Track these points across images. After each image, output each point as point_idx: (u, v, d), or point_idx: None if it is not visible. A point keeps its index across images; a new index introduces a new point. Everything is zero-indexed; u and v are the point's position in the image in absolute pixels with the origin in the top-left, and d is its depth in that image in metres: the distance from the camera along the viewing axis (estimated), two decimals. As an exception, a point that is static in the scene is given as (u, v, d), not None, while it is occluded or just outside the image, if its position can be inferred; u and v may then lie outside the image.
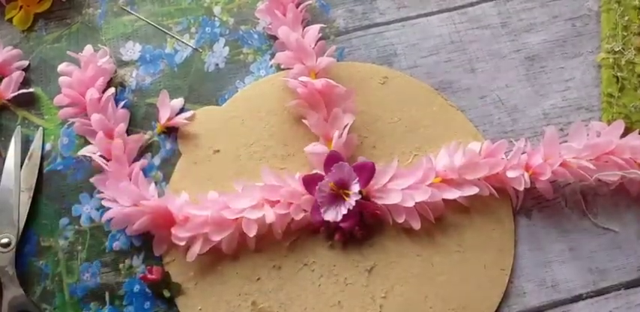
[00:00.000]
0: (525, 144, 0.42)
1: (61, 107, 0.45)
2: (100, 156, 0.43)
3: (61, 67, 0.46)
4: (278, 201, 0.41)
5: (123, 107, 0.47)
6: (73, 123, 0.44)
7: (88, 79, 0.44)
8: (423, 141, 0.44)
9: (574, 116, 0.45)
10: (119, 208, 0.41)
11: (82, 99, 0.44)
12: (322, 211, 0.39)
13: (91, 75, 0.45)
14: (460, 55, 0.47)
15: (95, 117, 0.43)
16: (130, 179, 0.42)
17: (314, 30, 0.45)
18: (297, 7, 0.46)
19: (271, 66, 0.47)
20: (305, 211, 0.41)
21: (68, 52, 0.46)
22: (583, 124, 0.42)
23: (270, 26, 0.47)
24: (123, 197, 0.41)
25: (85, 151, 0.43)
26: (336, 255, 0.41)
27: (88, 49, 0.47)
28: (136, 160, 0.45)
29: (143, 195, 0.41)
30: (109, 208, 0.42)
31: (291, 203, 0.41)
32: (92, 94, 0.44)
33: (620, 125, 0.42)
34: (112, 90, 0.45)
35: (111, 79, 0.47)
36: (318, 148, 0.42)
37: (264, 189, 0.41)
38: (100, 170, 0.43)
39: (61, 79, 0.45)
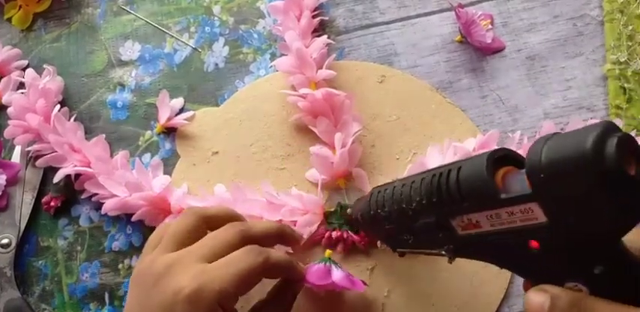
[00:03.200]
0: (521, 137, 0.42)
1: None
2: (77, 168, 0.42)
3: (4, 98, 0.45)
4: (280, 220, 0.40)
5: (121, 107, 0.47)
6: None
7: (32, 104, 0.43)
8: (422, 139, 0.44)
9: (575, 116, 0.45)
10: (118, 198, 0.41)
11: (31, 126, 0.43)
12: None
13: (34, 99, 0.44)
14: (461, 54, 0.47)
15: (52, 139, 0.42)
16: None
17: (319, 42, 0.44)
18: (312, 17, 0.45)
19: (271, 66, 0.47)
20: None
21: (19, 79, 0.46)
22: (581, 121, 0.42)
23: (278, 26, 0.46)
24: (119, 188, 0.41)
25: (59, 176, 0.42)
26: (337, 255, 0.41)
27: (29, 73, 0.46)
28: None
29: (140, 181, 0.42)
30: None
31: (294, 221, 0.40)
32: (33, 119, 0.42)
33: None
34: (57, 108, 0.43)
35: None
36: (322, 151, 0.42)
37: (265, 207, 0.40)
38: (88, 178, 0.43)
39: (8, 110, 0.44)
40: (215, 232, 0.33)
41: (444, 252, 0.28)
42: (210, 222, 0.34)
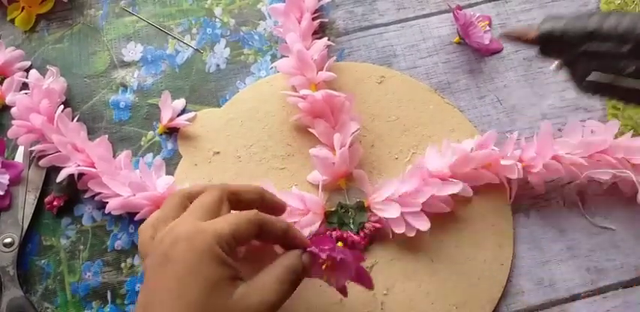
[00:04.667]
0: (519, 138, 0.42)
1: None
2: (80, 167, 0.43)
3: (8, 98, 0.45)
4: None
5: (124, 108, 0.47)
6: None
7: (35, 104, 0.44)
8: (421, 139, 0.45)
9: (572, 116, 0.45)
10: (122, 198, 0.42)
11: (34, 126, 0.43)
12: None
13: (38, 100, 0.44)
14: (459, 55, 0.48)
15: (55, 139, 0.42)
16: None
17: (320, 44, 0.45)
18: (312, 18, 0.46)
19: (272, 67, 0.48)
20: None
21: (23, 80, 0.46)
22: (578, 122, 0.43)
23: (279, 28, 0.47)
24: (122, 188, 0.42)
25: (62, 176, 0.43)
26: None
27: (33, 73, 0.46)
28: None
29: (144, 181, 0.42)
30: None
31: (295, 221, 0.41)
32: (36, 119, 0.43)
33: (615, 125, 0.42)
34: (60, 109, 0.44)
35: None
36: (322, 152, 0.42)
37: None
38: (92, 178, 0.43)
39: (11, 110, 0.44)
40: (200, 197, 0.33)
41: None
42: (233, 197, 0.34)
